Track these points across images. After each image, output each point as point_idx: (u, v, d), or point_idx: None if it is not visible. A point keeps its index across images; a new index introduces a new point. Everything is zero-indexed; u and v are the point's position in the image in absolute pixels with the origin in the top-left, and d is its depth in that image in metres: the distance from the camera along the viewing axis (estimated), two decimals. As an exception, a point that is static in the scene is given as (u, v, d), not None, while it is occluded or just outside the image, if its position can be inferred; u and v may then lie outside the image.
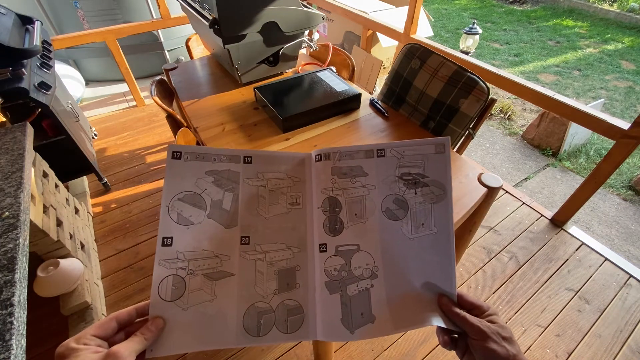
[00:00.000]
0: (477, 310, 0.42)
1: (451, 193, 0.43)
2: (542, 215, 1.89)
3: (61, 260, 1.26)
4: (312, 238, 0.45)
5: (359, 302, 0.41)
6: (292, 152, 0.49)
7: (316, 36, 1.61)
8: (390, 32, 2.37)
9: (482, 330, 0.38)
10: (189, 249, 0.43)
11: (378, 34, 2.89)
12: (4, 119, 1.39)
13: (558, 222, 1.84)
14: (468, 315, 0.40)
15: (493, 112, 3.46)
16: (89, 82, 3.27)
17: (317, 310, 0.42)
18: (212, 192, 0.45)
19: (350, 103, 1.30)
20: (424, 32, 3.19)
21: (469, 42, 3.31)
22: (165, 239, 0.42)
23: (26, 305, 0.72)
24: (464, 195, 0.95)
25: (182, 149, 0.45)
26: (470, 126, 1.20)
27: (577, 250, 1.72)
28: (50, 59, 1.73)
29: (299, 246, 0.45)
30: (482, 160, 2.88)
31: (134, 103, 2.84)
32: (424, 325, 0.40)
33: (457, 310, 0.41)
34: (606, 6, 5.87)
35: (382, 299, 0.41)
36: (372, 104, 1.35)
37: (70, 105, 1.89)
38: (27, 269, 0.79)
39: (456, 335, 0.42)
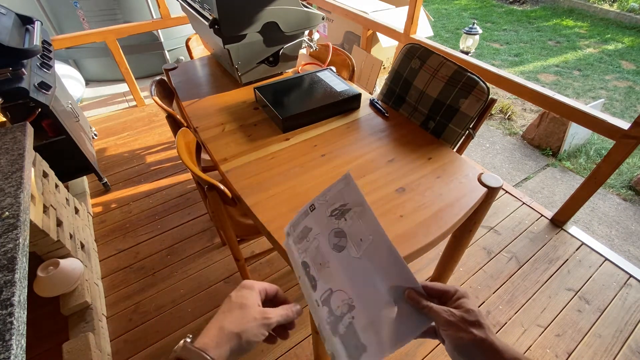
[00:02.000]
0: (445, 296, 0.42)
1: (368, 205, 0.48)
2: (542, 215, 1.89)
3: (61, 260, 1.26)
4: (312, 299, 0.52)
5: (350, 337, 0.44)
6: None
7: (316, 36, 1.61)
8: (390, 32, 2.37)
9: (447, 320, 0.39)
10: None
11: (378, 34, 2.89)
12: (4, 119, 1.39)
13: (558, 222, 1.84)
14: (433, 305, 0.40)
15: (493, 112, 3.47)
16: (89, 82, 3.27)
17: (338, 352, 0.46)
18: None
19: (350, 103, 1.30)
20: (424, 32, 3.19)
21: (469, 42, 3.31)
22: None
23: (26, 305, 0.72)
24: (464, 195, 0.95)
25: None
26: (470, 126, 1.20)
27: (577, 250, 1.72)
28: (50, 59, 1.73)
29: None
30: (482, 160, 2.88)
31: (134, 103, 2.84)
32: (415, 334, 0.41)
33: (423, 302, 0.41)
34: (606, 6, 5.87)
35: (366, 325, 0.44)
36: (372, 104, 1.35)
37: (70, 105, 1.89)
38: (27, 269, 0.79)
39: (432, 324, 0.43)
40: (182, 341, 0.38)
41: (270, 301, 0.47)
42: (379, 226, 0.46)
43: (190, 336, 0.39)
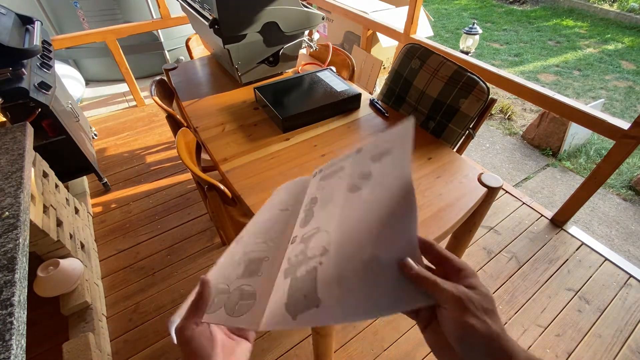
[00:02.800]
0: (449, 267, 0.33)
1: (410, 154, 0.41)
2: (542, 215, 1.89)
3: (61, 260, 1.26)
4: (288, 236, 0.45)
5: (304, 283, 0.36)
6: (301, 178, 0.55)
7: (316, 36, 1.61)
8: (390, 32, 2.37)
9: (458, 298, 0.29)
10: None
11: (378, 34, 2.89)
12: (4, 119, 1.39)
13: (558, 222, 1.84)
14: (439, 280, 0.30)
15: (493, 112, 3.47)
16: (89, 82, 3.27)
17: (270, 298, 0.38)
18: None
19: (350, 103, 1.30)
20: (424, 32, 3.19)
21: (469, 42, 3.31)
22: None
23: (26, 305, 0.72)
24: (464, 195, 0.95)
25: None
26: (470, 126, 1.20)
27: (577, 250, 1.72)
28: (50, 59, 1.73)
29: (276, 242, 0.46)
30: (482, 160, 2.88)
31: (134, 103, 2.84)
32: (380, 314, 0.31)
33: (425, 273, 0.30)
34: (606, 6, 5.86)
35: (331, 277, 0.34)
36: (372, 104, 1.35)
37: (70, 105, 1.89)
38: (27, 269, 0.79)
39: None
40: None
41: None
42: (409, 178, 0.38)
43: None
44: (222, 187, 1.05)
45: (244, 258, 0.44)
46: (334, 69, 1.49)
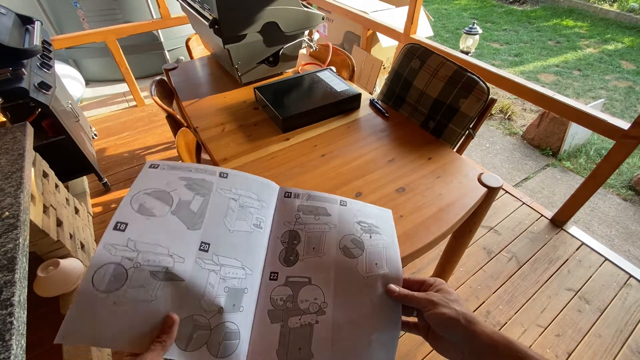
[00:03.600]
0: (425, 286, 0.45)
1: (397, 244, 0.47)
2: (542, 215, 1.89)
3: (61, 260, 1.26)
4: (265, 265, 0.45)
5: (299, 336, 0.39)
6: (264, 179, 0.51)
7: (316, 36, 1.61)
8: (390, 32, 2.37)
9: (430, 300, 0.41)
10: (143, 240, 0.39)
11: (378, 34, 2.89)
12: (4, 119, 1.39)
13: (558, 222, 1.84)
14: (415, 293, 0.43)
15: (493, 112, 3.47)
16: (89, 82, 3.27)
17: (253, 339, 0.39)
18: (182, 192, 0.44)
19: (350, 103, 1.30)
20: (424, 32, 3.19)
21: (469, 42, 3.31)
22: (119, 224, 0.39)
23: (26, 305, 0.72)
24: (464, 195, 0.95)
25: (160, 162, 0.45)
26: (470, 126, 1.20)
27: (577, 250, 1.72)
28: (50, 59, 1.73)
29: (252, 269, 0.44)
30: (482, 160, 2.88)
31: (134, 103, 2.84)
32: None
33: (404, 291, 0.44)
34: (606, 6, 5.86)
35: (326, 338, 0.39)
36: (372, 104, 1.35)
37: (70, 105, 1.89)
38: (27, 269, 0.79)
39: (415, 320, 0.44)
40: None
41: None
42: (400, 268, 0.45)
43: None
44: (222, 187, 1.05)
45: (223, 286, 0.41)
46: (334, 69, 1.49)
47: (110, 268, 0.36)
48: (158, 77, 1.50)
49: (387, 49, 3.04)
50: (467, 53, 3.31)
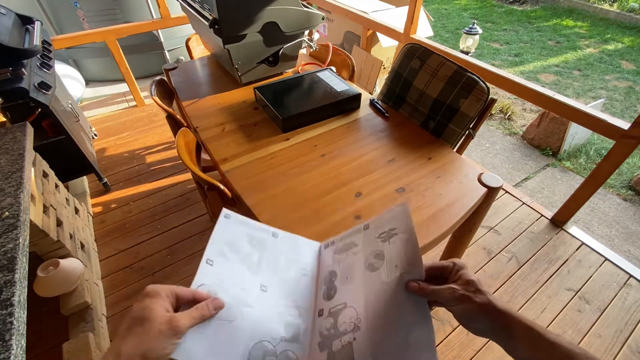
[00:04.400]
0: (445, 271, 0.45)
1: (415, 236, 0.47)
2: (542, 215, 1.89)
3: (61, 260, 1.26)
4: (314, 305, 0.51)
5: (342, 356, 0.42)
6: (308, 240, 0.58)
7: (316, 36, 1.61)
8: (390, 32, 2.37)
9: (452, 295, 0.41)
10: (224, 275, 0.48)
11: (378, 34, 2.89)
12: (4, 119, 1.39)
13: (558, 222, 1.84)
14: (435, 287, 0.43)
15: (493, 112, 3.47)
16: (89, 82, 3.27)
17: None
18: (244, 245, 0.53)
19: (350, 103, 1.30)
20: (424, 32, 3.19)
21: (469, 42, 3.31)
22: (209, 260, 0.48)
23: (26, 305, 0.72)
24: (464, 195, 0.95)
25: (232, 215, 0.55)
26: (470, 126, 1.20)
27: (577, 250, 1.72)
28: (50, 59, 1.73)
29: (304, 307, 0.50)
30: (482, 160, 2.88)
31: (134, 103, 2.84)
32: None
33: (425, 287, 0.43)
34: (606, 6, 5.87)
35: (366, 351, 0.42)
36: (372, 104, 1.35)
37: (70, 105, 1.89)
38: (27, 269, 0.79)
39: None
40: None
41: (188, 304, 0.41)
42: (420, 260, 0.46)
43: None
44: (222, 187, 1.05)
45: (281, 319, 0.47)
46: (334, 69, 1.49)
47: (206, 288, 0.45)
48: (158, 77, 1.50)
49: (387, 49, 3.04)
50: (467, 53, 3.31)
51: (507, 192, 2.05)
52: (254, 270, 0.51)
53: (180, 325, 0.37)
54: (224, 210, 0.55)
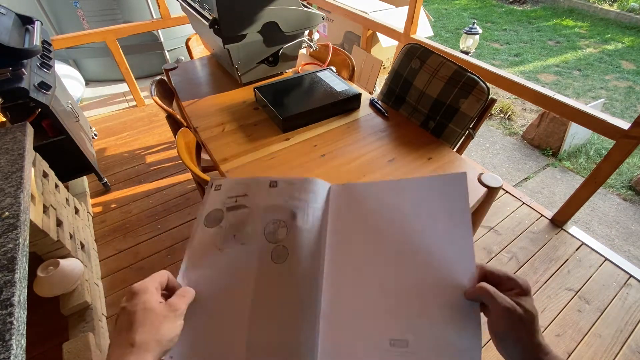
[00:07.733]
0: (500, 285, 0.39)
1: (469, 212, 0.44)
2: (542, 215, 1.89)
3: (61, 260, 1.26)
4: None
5: None
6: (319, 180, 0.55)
7: (316, 36, 1.61)
8: (390, 32, 2.37)
9: (506, 309, 0.36)
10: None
11: (378, 34, 2.89)
12: (4, 119, 1.39)
13: (558, 222, 1.84)
14: (497, 296, 0.37)
15: (493, 112, 3.46)
16: (89, 82, 3.27)
17: None
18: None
19: (350, 103, 1.30)
20: (424, 32, 3.19)
21: (469, 42, 3.31)
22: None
23: (26, 305, 0.72)
24: (464, 195, 0.95)
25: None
26: (470, 126, 1.20)
27: (577, 250, 1.72)
28: (50, 59, 1.73)
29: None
30: (482, 160, 2.88)
31: (134, 103, 2.84)
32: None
33: (483, 284, 0.38)
34: (606, 6, 5.86)
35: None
36: (372, 104, 1.35)
37: (70, 105, 1.89)
38: (27, 269, 0.79)
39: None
40: None
41: (167, 291, 0.43)
42: (468, 256, 0.43)
43: None
44: (222, 187, 1.05)
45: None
46: (334, 69, 1.49)
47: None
48: (158, 77, 1.50)
49: (387, 49, 3.04)
50: (467, 53, 3.31)
51: (507, 192, 2.05)
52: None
53: (181, 309, 0.40)
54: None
